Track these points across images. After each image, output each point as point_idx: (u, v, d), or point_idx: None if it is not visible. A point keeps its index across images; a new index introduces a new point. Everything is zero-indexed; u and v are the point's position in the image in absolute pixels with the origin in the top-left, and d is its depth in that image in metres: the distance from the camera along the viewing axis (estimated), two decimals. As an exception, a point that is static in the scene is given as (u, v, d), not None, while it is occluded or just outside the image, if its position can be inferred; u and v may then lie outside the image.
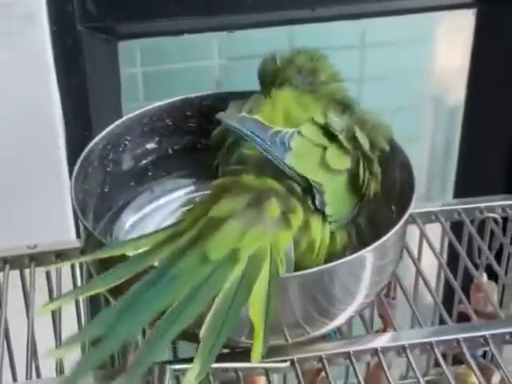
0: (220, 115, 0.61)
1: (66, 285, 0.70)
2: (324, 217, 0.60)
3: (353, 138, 0.62)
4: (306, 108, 0.64)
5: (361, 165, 0.62)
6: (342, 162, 0.61)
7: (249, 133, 0.58)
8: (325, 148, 0.61)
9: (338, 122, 0.62)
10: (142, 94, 1.12)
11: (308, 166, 0.59)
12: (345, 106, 0.65)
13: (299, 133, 0.60)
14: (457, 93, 1.19)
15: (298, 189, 0.59)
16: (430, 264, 0.78)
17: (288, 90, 0.65)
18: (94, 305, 0.71)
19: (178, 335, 0.53)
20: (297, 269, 0.59)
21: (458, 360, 0.76)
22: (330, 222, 0.60)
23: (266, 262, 0.55)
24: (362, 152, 0.62)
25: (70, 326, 0.69)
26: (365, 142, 0.62)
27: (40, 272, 0.70)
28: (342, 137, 0.61)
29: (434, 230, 0.78)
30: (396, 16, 1.05)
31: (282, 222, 0.57)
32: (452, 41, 1.22)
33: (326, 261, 0.60)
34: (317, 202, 0.59)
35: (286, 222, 0.57)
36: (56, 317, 0.67)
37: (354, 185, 0.62)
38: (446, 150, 1.29)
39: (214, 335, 0.52)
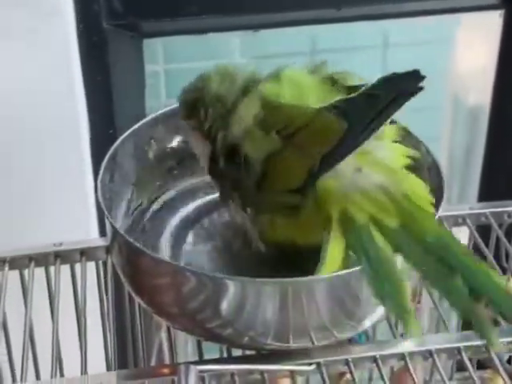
0: None
1: (91, 283, 0.69)
2: None
3: None
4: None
5: None
6: None
7: None
8: None
9: None
10: (164, 91, 1.12)
11: None
12: None
13: None
14: (480, 94, 1.18)
15: None
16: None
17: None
18: (119, 305, 0.71)
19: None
20: None
21: (481, 364, 0.76)
22: None
23: None
24: None
25: (94, 325, 0.69)
26: None
27: (64, 270, 0.70)
28: None
29: (461, 234, 0.77)
30: (421, 17, 1.04)
31: None
32: (476, 41, 1.21)
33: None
34: None
35: None
36: (81, 316, 0.67)
37: None
38: (467, 152, 1.28)
39: None
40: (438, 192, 0.64)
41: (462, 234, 0.76)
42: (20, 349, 0.64)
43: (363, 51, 1.23)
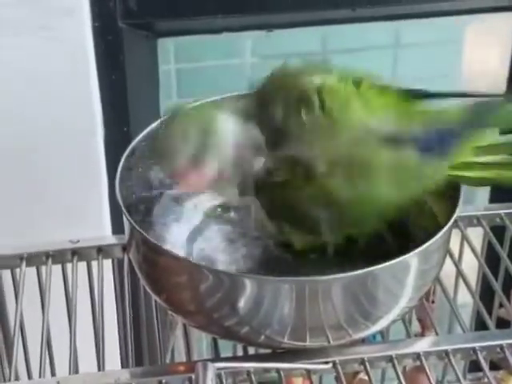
0: None
1: (108, 280, 0.70)
2: None
3: None
4: None
5: None
6: None
7: None
8: None
9: None
10: (175, 91, 1.13)
11: None
12: None
13: None
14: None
15: None
16: (467, 268, 0.77)
17: None
18: (135, 302, 0.72)
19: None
20: None
21: (493, 365, 0.76)
22: None
23: None
24: None
25: (110, 322, 0.69)
26: None
27: (80, 267, 0.71)
28: None
29: (474, 234, 0.77)
30: (433, 18, 1.04)
31: None
32: (487, 43, 1.21)
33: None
34: None
35: None
36: (97, 313, 0.67)
37: None
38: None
39: None
40: (454, 192, 0.64)
41: (477, 235, 0.76)
42: (35, 345, 0.64)
43: (374, 51, 1.23)
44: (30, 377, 0.74)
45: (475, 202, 1.21)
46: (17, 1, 0.83)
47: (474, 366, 0.79)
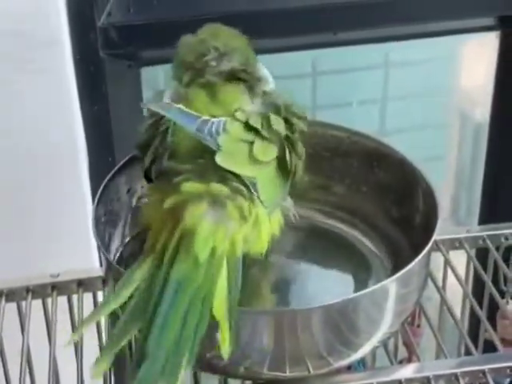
0: (144, 104, 0.62)
1: (89, 312, 0.69)
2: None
3: (271, 126, 0.61)
4: (222, 103, 0.62)
5: (286, 151, 0.62)
6: (269, 153, 0.61)
7: (178, 119, 0.59)
8: (251, 143, 0.60)
9: (255, 115, 0.61)
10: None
11: (238, 162, 0.59)
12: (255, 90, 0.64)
13: (224, 130, 0.59)
14: (481, 112, 1.19)
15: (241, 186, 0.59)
16: (455, 291, 0.77)
17: (199, 89, 0.63)
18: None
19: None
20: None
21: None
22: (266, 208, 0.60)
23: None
24: (286, 136, 0.62)
25: (91, 353, 0.69)
26: (282, 128, 0.61)
27: (62, 301, 0.70)
28: (264, 132, 0.60)
29: (459, 256, 0.77)
30: (419, 39, 1.04)
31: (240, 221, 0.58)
32: (476, 59, 1.22)
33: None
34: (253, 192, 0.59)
35: (243, 220, 0.58)
36: (78, 344, 0.67)
37: (283, 168, 0.62)
38: (472, 169, 1.28)
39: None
40: (432, 215, 0.64)
41: (463, 254, 0.76)
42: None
43: (365, 71, 1.24)
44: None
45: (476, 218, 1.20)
46: (-2, 34, 0.83)
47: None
